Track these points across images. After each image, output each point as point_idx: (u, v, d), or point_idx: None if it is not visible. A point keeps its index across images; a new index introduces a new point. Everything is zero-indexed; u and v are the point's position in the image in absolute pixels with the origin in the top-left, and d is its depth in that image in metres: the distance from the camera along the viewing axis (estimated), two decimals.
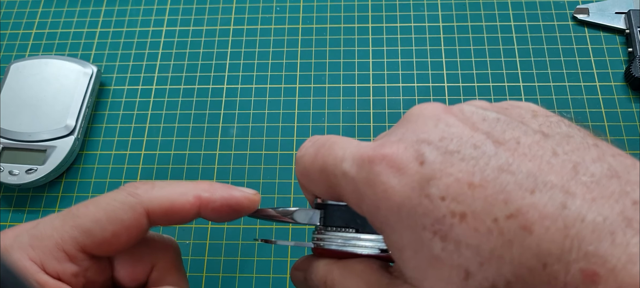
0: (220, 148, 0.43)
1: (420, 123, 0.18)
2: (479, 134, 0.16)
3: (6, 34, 0.50)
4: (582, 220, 0.14)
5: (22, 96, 0.44)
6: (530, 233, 0.14)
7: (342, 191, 0.19)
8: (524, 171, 0.15)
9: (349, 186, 0.18)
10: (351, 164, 0.18)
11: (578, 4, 0.48)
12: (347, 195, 0.19)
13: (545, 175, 0.15)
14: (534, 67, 0.45)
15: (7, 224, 0.42)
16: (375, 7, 0.49)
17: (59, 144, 0.42)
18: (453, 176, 0.16)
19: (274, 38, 0.48)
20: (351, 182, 0.18)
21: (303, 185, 0.23)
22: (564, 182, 0.14)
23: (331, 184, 0.20)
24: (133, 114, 0.45)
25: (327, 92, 0.45)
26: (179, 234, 0.40)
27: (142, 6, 0.50)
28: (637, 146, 0.41)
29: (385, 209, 0.17)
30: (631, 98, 0.43)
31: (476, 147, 0.16)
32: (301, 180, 0.23)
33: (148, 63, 0.47)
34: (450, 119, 0.17)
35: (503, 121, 0.17)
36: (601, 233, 0.13)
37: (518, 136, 0.16)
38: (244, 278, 0.38)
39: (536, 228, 0.14)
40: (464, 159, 0.16)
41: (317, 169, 0.20)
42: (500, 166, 0.15)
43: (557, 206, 0.14)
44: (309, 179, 0.22)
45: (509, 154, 0.15)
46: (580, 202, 0.14)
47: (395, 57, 0.46)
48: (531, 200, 0.14)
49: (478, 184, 0.15)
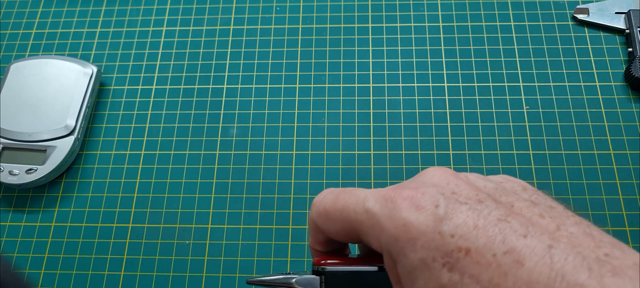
0: (220, 148, 0.43)
1: (435, 180, 0.22)
2: (482, 194, 0.21)
3: (6, 34, 0.50)
4: (565, 259, 0.18)
5: (22, 96, 0.44)
6: (522, 266, 0.18)
7: (362, 226, 0.23)
8: (518, 222, 0.19)
9: (371, 221, 0.22)
10: (374, 202, 0.22)
11: (578, 4, 0.48)
12: (367, 229, 0.22)
13: (535, 227, 0.19)
14: (534, 67, 0.45)
15: (7, 224, 0.42)
16: (375, 7, 0.49)
17: (59, 144, 0.42)
18: (462, 219, 0.20)
19: (274, 38, 0.48)
20: (373, 217, 0.22)
21: (319, 226, 0.26)
22: (550, 233, 0.19)
23: (351, 221, 0.23)
24: (133, 114, 0.45)
25: (327, 92, 0.45)
26: (179, 234, 0.40)
27: (142, 6, 0.50)
28: (637, 146, 0.41)
29: (403, 240, 0.20)
30: (631, 98, 0.43)
31: (480, 202, 0.20)
32: (318, 220, 0.26)
33: (148, 63, 0.47)
34: (459, 181, 0.22)
35: (500, 189, 0.22)
36: (580, 269, 0.17)
37: (512, 201, 0.21)
38: (243, 278, 0.38)
39: (527, 262, 0.18)
40: (471, 208, 0.20)
41: (338, 209, 0.24)
42: (499, 217, 0.20)
43: (545, 247, 0.18)
44: (327, 218, 0.25)
45: (506, 210, 0.20)
46: (564, 246, 0.18)
47: (395, 57, 0.46)
48: (524, 242, 0.18)
49: (482, 226, 0.19)
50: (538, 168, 0.41)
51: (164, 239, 0.40)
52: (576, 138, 0.42)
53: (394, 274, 0.22)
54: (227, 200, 0.41)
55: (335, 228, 0.25)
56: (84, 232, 0.41)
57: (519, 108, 0.43)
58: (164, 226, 0.40)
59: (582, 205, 0.39)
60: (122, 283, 0.39)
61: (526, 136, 0.42)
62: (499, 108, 0.43)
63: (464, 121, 0.43)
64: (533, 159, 0.41)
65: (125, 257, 0.40)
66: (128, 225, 0.41)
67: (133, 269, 0.39)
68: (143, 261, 0.39)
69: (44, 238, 0.41)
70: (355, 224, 0.23)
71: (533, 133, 0.42)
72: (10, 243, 0.41)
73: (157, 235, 0.40)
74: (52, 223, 0.41)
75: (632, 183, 0.40)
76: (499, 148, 0.42)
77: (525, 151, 0.42)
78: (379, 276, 0.25)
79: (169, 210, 0.41)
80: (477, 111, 0.43)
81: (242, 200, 0.41)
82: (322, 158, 0.42)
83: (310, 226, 0.27)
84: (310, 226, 0.27)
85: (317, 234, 0.27)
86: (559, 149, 0.42)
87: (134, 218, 0.41)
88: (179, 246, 0.40)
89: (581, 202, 0.39)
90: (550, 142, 0.42)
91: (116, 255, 0.40)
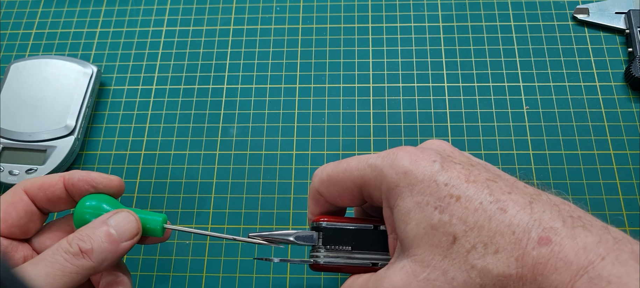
0: (220, 148, 0.43)
1: (434, 146, 0.26)
2: (474, 161, 0.25)
3: (6, 34, 0.50)
4: (543, 211, 0.21)
5: (22, 96, 0.44)
6: (505, 212, 0.21)
7: (364, 180, 0.25)
8: (504, 183, 0.22)
9: (374, 172, 0.25)
10: (377, 157, 0.25)
11: (578, 4, 0.48)
12: (370, 180, 0.25)
13: (518, 188, 0.22)
14: (534, 67, 0.45)
15: None
16: (375, 7, 0.49)
17: (59, 145, 0.42)
18: (455, 173, 0.23)
19: (274, 38, 0.48)
20: (376, 168, 0.24)
21: (321, 193, 0.28)
22: (531, 194, 0.22)
23: (354, 179, 0.26)
24: (133, 114, 0.45)
25: (327, 92, 0.45)
26: (179, 234, 0.40)
27: (142, 6, 0.50)
28: (637, 146, 0.41)
29: (402, 186, 0.23)
30: (631, 98, 0.43)
31: (472, 166, 0.23)
32: (320, 187, 0.28)
33: (148, 63, 0.47)
34: (454, 150, 0.25)
35: (491, 166, 0.25)
36: (556, 219, 0.20)
37: (500, 174, 0.24)
38: (243, 278, 0.38)
39: (510, 210, 0.21)
40: (464, 168, 0.23)
41: (341, 171, 0.26)
42: (487, 177, 0.23)
43: (526, 202, 0.21)
44: (330, 183, 0.27)
45: (494, 174, 0.23)
46: (542, 203, 0.21)
47: (396, 57, 0.46)
48: (508, 196, 0.22)
49: (472, 180, 0.22)
50: (538, 168, 0.41)
51: None
52: (576, 138, 0.42)
53: (390, 223, 0.25)
54: (227, 200, 0.41)
55: (337, 190, 0.27)
56: None
57: (519, 107, 0.43)
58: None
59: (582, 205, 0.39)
60: None
61: (526, 136, 0.42)
62: (499, 108, 0.43)
63: (464, 121, 0.43)
64: (533, 159, 0.41)
65: (125, 257, 0.40)
66: None
67: (133, 269, 0.39)
68: (143, 261, 0.39)
69: None
70: (358, 180, 0.26)
71: (533, 133, 0.42)
72: None
73: None
74: None
75: (632, 183, 0.40)
76: (499, 148, 0.42)
77: (525, 151, 0.42)
78: (373, 234, 0.27)
79: (169, 210, 0.41)
80: (477, 111, 0.43)
81: (242, 200, 0.41)
82: (322, 158, 0.42)
83: (311, 197, 0.29)
84: (311, 197, 0.29)
85: (317, 204, 0.29)
86: (559, 149, 0.42)
87: None
88: (179, 246, 0.40)
89: (581, 202, 0.39)
90: (550, 142, 0.42)
91: None
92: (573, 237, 0.20)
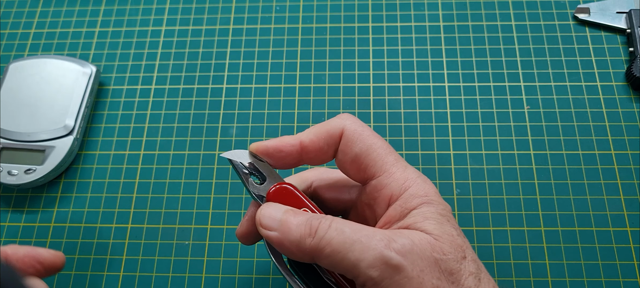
0: (220, 148, 0.43)
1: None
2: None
3: (5, 33, 0.50)
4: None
5: (21, 96, 0.44)
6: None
7: None
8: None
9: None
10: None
11: (579, 4, 0.47)
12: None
13: None
14: (535, 67, 0.45)
15: (6, 224, 0.41)
16: (375, 6, 0.49)
17: (58, 144, 0.42)
18: None
19: (274, 38, 0.48)
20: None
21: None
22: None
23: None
24: (132, 114, 0.45)
25: (327, 92, 0.45)
26: (179, 235, 0.40)
27: (141, 6, 0.50)
28: (637, 146, 0.41)
29: None
30: (632, 98, 0.43)
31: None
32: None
33: (147, 63, 0.47)
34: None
35: None
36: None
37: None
38: (243, 278, 0.38)
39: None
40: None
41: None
42: None
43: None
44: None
45: None
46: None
47: (396, 57, 0.46)
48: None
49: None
50: (539, 168, 0.41)
51: (163, 240, 0.40)
52: (577, 138, 0.42)
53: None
54: (226, 200, 0.41)
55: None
56: (82, 232, 0.41)
57: (520, 107, 0.43)
58: (163, 226, 0.40)
59: (583, 205, 0.39)
60: (121, 284, 0.38)
61: (527, 136, 0.42)
62: (500, 108, 0.43)
63: (464, 121, 0.43)
64: (534, 159, 0.41)
65: (124, 257, 0.39)
66: (127, 226, 0.41)
67: (132, 270, 0.39)
68: (142, 262, 0.39)
69: (43, 239, 0.41)
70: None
71: (534, 133, 0.42)
72: (9, 243, 0.41)
73: (156, 236, 0.40)
74: (51, 224, 0.41)
75: (633, 183, 0.40)
76: (500, 148, 0.42)
77: (526, 151, 0.41)
78: None
79: (168, 210, 0.41)
80: (478, 111, 0.43)
81: (242, 200, 0.41)
82: None
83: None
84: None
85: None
86: (560, 149, 0.41)
87: (133, 219, 0.41)
88: (178, 246, 0.40)
89: (582, 202, 0.39)
90: (551, 142, 0.42)
91: (115, 255, 0.40)
92: None
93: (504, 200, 0.40)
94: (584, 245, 0.38)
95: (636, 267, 0.37)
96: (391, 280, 0.22)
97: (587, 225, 0.38)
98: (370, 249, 0.23)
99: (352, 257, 0.23)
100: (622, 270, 0.37)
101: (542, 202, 0.40)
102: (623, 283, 0.36)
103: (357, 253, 0.23)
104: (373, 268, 0.22)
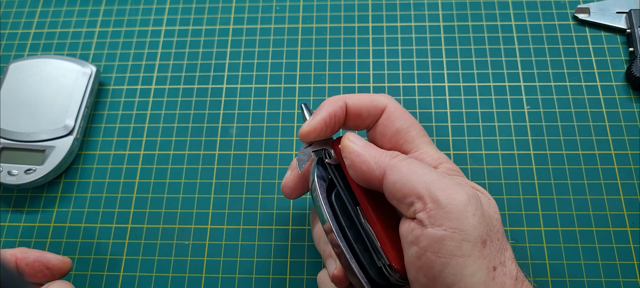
0: (220, 148, 0.43)
1: None
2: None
3: (5, 33, 0.50)
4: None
5: (21, 96, 0.44)
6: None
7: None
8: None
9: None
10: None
11: (579, 4, 0.47)
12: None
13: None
14: (535, 67, 0.45)
15: (6, 224, 0.41)
16: (375, 6, 0.49)
17: (58, 144, 0.42)
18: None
19: (274, 38, 0.48)
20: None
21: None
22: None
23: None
24: (132, 114, 0.45)
25: (327, 92, 0.45)
26: (179, 235, 0.40)
27: (141, 6, 0.50)
28: (637, 146, 0.41)
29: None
30: (632, 98, 0.43)
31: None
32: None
33: (147, 63, 0.47)
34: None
35: None
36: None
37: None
38: (243, 278, 0.38)
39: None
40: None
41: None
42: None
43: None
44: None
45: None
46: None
47: (396, 57, 0.46)
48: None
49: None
50: (539, 168, 0.41)
51: (163, 240, 0.40)
52: (577, 138, 0.42)
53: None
54: (226, 200, 0.41)
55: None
56: (82, 232, 0.41)
57: (520, 107, 0.43)
58: (163, 226, 0.40)
59: (583, 205, 0.39)
60: (121, 284, 0.38)
61: (527, 136, 0.42)
62: (500, 108, 0.43)
63: (464, 121, 0.43)
64: (534, 159, 0.41)
65: (124, 257, 0.39)
66: (127, 226, 0.41)
67: (132, 270, 0.39)
68: (142, 262, 0.39)
69: (43, 239, 0.41)
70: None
71: (534, 133, 0.42)
72: (9, 243, 0.41)
73: (157, 236, 0.40)
74: (51, 224, 0.41)
75: (634, 183, 0.40)
76: (500, 148, 0.42)
77: (526, 151, 0.41)
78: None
79: (168, 210, 0.41)
80: (478, 111, 0.43)
81: (242, 200, 0.41)
82: None
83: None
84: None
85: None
86: (560, 149, 0.41)
87: (133, 219, 0.41)
88: (178, 246, 0.40)
89: (582, 202, 0.39)
90: (551, 142, 0.42)
91: (115, 255, 0.40)
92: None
93: (504, 200, 0.40)
94: (584, 245, 0.38)
95: (636, 267, 0.37)
96: (442, 210, 0.25)
97: (587, 225, 0.38)
98: (438, 180, 0.26)
99: (420, 180, 0.26)
100: (622, 270, 0.37)
101: (542, 202, 0.40)
102: (623, 283, 0.36)
103: (426, 176, 0.26)
104: (437, 192, 0.25)
